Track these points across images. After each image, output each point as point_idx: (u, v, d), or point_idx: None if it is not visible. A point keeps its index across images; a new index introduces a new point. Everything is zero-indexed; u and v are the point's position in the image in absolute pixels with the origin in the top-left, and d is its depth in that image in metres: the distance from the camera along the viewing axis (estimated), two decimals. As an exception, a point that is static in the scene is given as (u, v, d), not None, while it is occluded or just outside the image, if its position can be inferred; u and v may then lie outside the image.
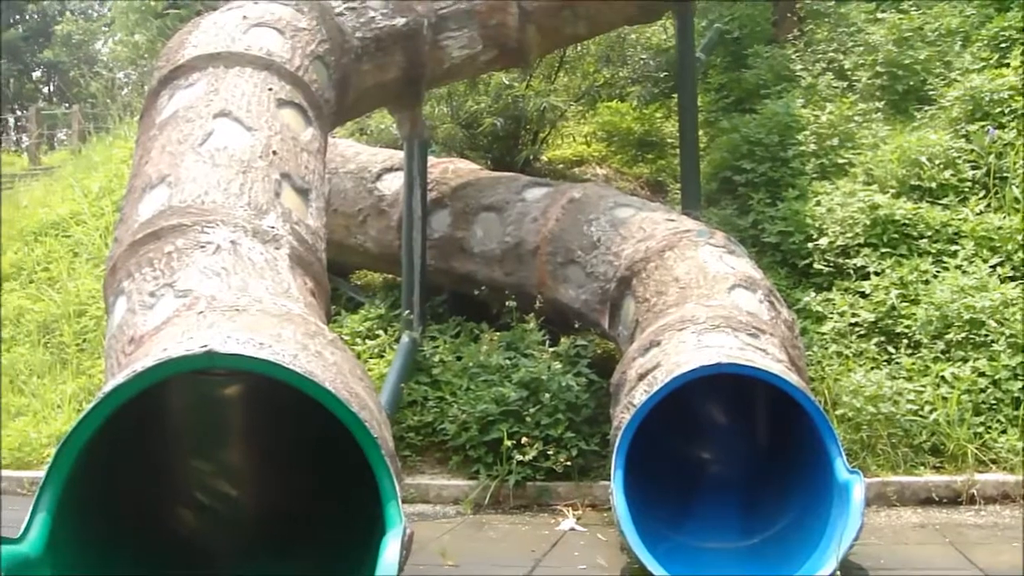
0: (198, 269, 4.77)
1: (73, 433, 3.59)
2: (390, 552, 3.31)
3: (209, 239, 4.97)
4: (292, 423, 5.06)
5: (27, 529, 3.56)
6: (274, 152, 5.72)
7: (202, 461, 5.29)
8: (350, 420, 3.60)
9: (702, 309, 6.53)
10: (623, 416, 5.90)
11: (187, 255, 4.89)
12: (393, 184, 9.72)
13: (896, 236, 9.07)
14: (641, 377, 6.13)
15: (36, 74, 49.42)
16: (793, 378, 5.65)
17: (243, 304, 4.38)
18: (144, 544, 4.58)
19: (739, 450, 6.96)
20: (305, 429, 4.97)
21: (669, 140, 12.74)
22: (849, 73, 11.58)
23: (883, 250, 9.00)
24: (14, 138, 33.41)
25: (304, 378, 3.56)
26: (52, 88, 47.51)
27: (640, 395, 5.81)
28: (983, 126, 9.81)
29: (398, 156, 9.78)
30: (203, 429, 5.40)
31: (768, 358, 5.94)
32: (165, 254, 4.95)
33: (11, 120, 39.34)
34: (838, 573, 4.96)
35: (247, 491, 5.27)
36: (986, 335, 7.97)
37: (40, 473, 8.63)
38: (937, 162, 9.62)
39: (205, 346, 3.58)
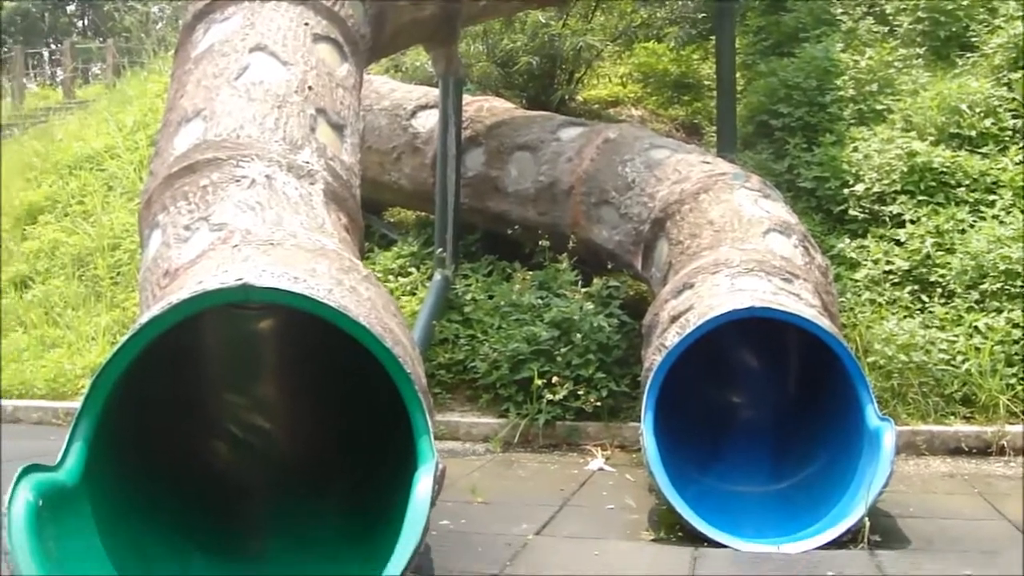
0: (233, 203, 4.76)
1: (109, 363, 3.60)
2: (422, 486, 3.33)
3: (244, 173, 4.95)
4: (324, 359, 5.08)
5: (63, 458, 3.58)
6: (309, 87, 5.68)
7: (236, 396, 5.31)
8: (384, 355, 3.60)
9: (736, 252, 6.49)
10: (654, 358, 5.89)
11: (222, 189, 4.88)
12: (428, 122, 9.70)
13: (933, 184, 8.97)
14: (673, 319, 6.11)
15: (70, 8, 49.42)
16: (825, 323, 5.61)
17: (278, 238, 4.38)
18: (178, 477, 4.62)
19: (769, 395, 6.93)
20: (336, 365, 5.00)
21: (706, 82, 12.65)
22: (890, 18, 11.38)
23: (920, 198, 8.91)
24: (48, 72, 33.42)
25: (339, 312, 3.55)
26: (86, 22, 47.54)
27: (672, 337, 5.79)
28: (1026, 74, 9.66)
29: (433, 94, 9.75)
30: (236, 364, 5.42)
31: (801, 303, 5.91)
32: (200, 188, 4.94)
33: (46, 54, 39.37)
34: (867, 520, 4.95)
35: (281, 426, 5.30)
36: (1021, 286, 7.90)
37: (75, 404, 8.71)
38: (978, 110, 9.47)
39: (240, 279, 3.58)
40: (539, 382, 7.51)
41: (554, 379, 7.52)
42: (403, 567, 3.12)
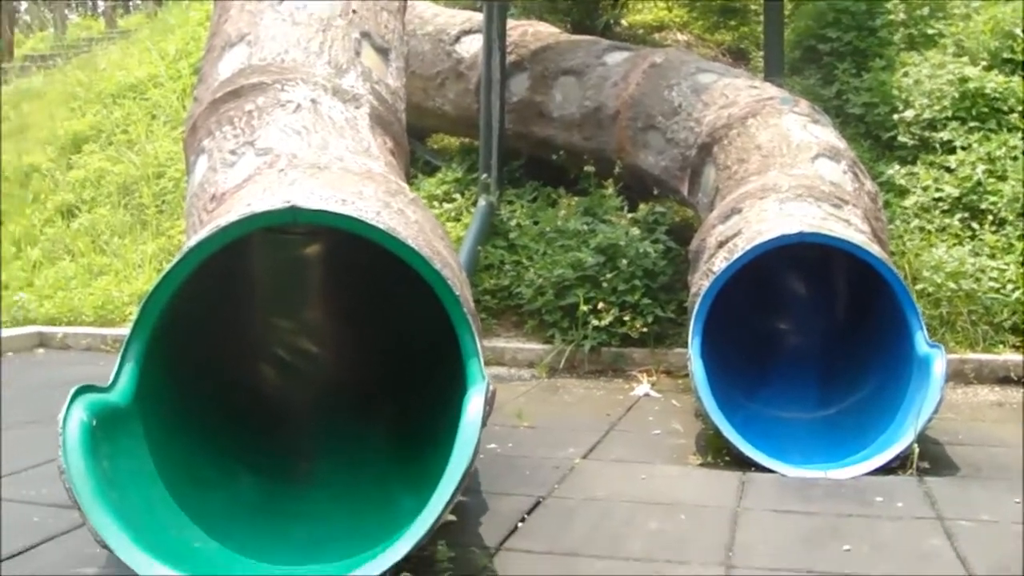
0: (278, 127, 4.74)
1: (159, 286, 3.61)
2: (473, 406, 3.32)
3: (289, 97, 4.92)
4: (369, 283, 5.08)
5: (115, 379, 3.60)
6: (354, 11, 5.63)
7: (283, 320, 5.33)
8: (433, 277, 3.58)
9: (784, 177, 6.43)
10: (702, 283, 5.85)
11: (267, 113, 4.86)
12: (471, 46, 9.62)
13: (985, 110, 8.82)
14: (721, 244, 6.06)
15: (112, -63, 49.21)
16: (875, 249, 5.55)
17: (324, 162, 4.35)
18: (227, 400, 4.65)
19: (816, 322, 6.89)
20: (381, 289, 5.00)
21: (752, 6, 12.45)
22: (942, -62, 11.15)
23: (971, 124, 8.77)
24: (90, 3, 33.37)
25: (387, 234, 3.53)
26: (127, -49, 47.33)
27: (720, 262, 5.75)
28: (1083, -4, 9.45)
29: (477, 18, 9.66)
30: (283, 289, 5.43)
31: (851, 229, 5.84)
32: (245, 112, 4.92)
33: (87, -17, 39.35)
34: (916, 446, 4.92)
35: (328, 350, 5.32)
36: (1074, 213, 7.78)
37: (123, 330, 8.81)
38: (1032, 34, 9.29)
39: (288, 201, 3.56)
40: (585, 308, 7.49)
41: (600, 305, 7.50)
42: (455, 486, 3.12)
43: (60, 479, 3.09)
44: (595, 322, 7.48)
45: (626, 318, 7.49)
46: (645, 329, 7.48)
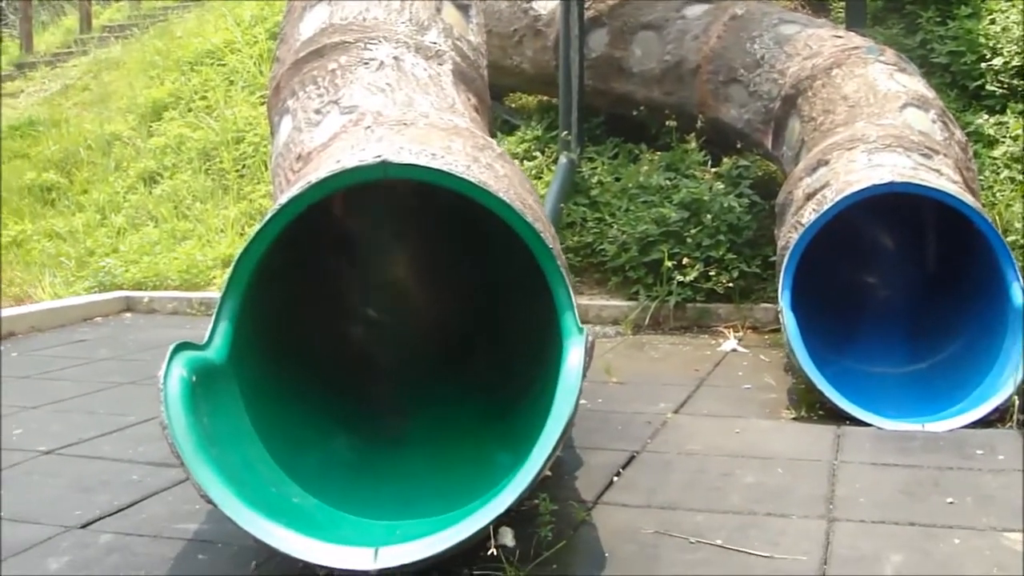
0: (362, 85, 4.73)
1: (252, 242, 3.61)
2: (574, 356, 3.28)
3: (372, 55, 4.91)
4: (457, 238, 5.07)
5: (211, 337, 3.62)
6: (433, -33, 5.60)
7: (372, 277, 5.33)
8: (526, 231, 3.54)
9: (872, 128, 6.30)
10: (790, 236, 5.77)
11: (351, 71, 4.84)
12: (549, 3, 9.56)
13: (1078, 55, 8.59)
14: (809, 197, 5.97)
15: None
16: (968, 198, 5.42)
17: (410, 118, 4.33)
18: (318, 359, 4.66)
19: (906, 275, 6.79)
20: (469, 244, 4.99)
21: (832, -44, 12.21)
22: None
23: (1063, 70, 8.54)
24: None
25: (479, 188, 3.50)
26: (198, -80, 47.58)
27: (809, 214, 5.66)
28: None
29: (554, -25, 9.58)
30: (372, 245, 5.43)
31: (942, 179, 5.71)
32: (329, 71, 4.92)
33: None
34: (1016, 398, 4.83)
35: (417, 307, 5.32)
36: None
37: (207, 294, 8.94)
38: None
39: (379, 156, 3.54)
40: (669, 264, 7.43)
41: (684, 260, 7.44)
42: (558, 437, 3.09)
43: (163, 435, 3.10)
44: (679, 278, 7.42)
45: (711, 273, 7.43)
46: (730, 284, 7.41)
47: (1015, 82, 8.69)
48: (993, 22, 9.13)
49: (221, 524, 3.34)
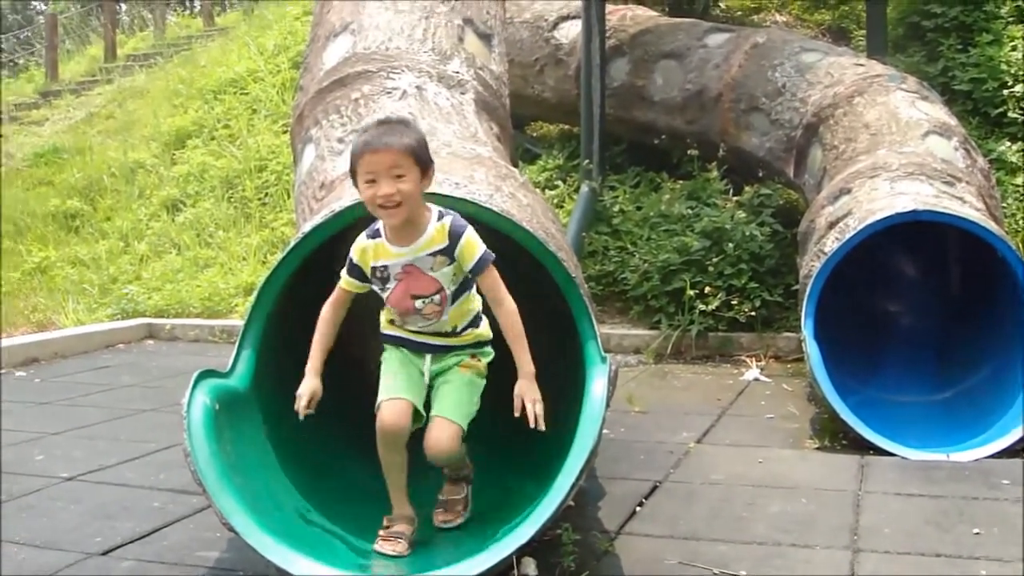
0: (385, 115, 4.75)
1: (275, 270, 3.63)
2: (598, 387, 3.28)
3: (395, 84, 4.94)
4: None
5: (234, 365, 3.64)
6: (456, -3, 5.64)
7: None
8: (549, 260, 3.55)
9: (894, 156, 6.30)
10: (813, 264, 5.75)
11: (374, 101, 4.87)
12: (570, 32, 9.62)
13: (1100, 84, 8.57)
14: (831, 225, 5.95)
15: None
16: (993, 226, 5.41)
17: (433, 147, 4.33)
18: (337, 385, 4.65)
19: (930, 303, 6.75)
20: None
21: (852, -16, 12.22)
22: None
23: (1085, 98, 8.52)
24: (188, 1, 33.89)
25: (503, 217, 3.51)
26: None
27: (831, 243, 5.64)
28: None
29: (574, 4, 9.67)
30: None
31: (965, 206, 5.69)
32: (352, 100, 4.95)
33: (184, -17, 39.99)
34: (1037, 431, 4.80)
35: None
36: None
37: (229, 322, 8.96)
38: None
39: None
40: (691, 292, 7.42)
41: (706, 289, 7.42)
42: (581, 467, 3.08)
43: (186, 462, 3.11)
44: (702, 307, 7.40)
45: (733, 302, 7.40)
46: (752, 313, 7.38)
47: (1037, 110, 8.68)
48: (1015, 49, 9.13)
49: (242, 552, 3.34)
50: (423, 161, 3.32)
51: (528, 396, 3.30)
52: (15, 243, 12.79)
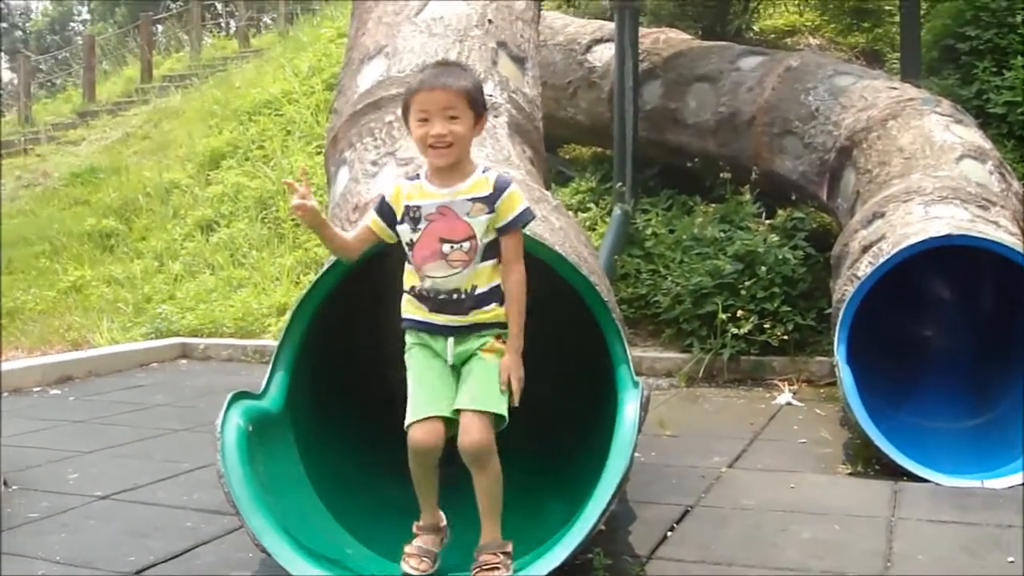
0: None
1: (309, 293, 3.66)
2: (630, 410, 3.28)
3: (429, 108, 4.95)
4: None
5: (267, 386, 3.66)
6: (489, 20, 5.67)
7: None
8: (582, 284, 3.56)
9: (928, 180, 6.28)
10: (846, 288, 5.73)
11: (407, 124, 4.89)
12: (603, 55, 9.66)
13: None
14: (865, 249, 5.93)
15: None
16: (1028, 251, 5.36)
17: (466, 171, 4.36)
18: (369, 405, 4.67)
19: (964, 328, 6.69)
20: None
21: (886, 7, 12.19)
22: (1088, -71, 10.75)
23: (1122, 121, 8.44)
24: (224, 24, 34.17)
25: (536, 241, 3.52)
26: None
27: (865, 267, 5.62)
28: None
29: (607, 27, 9.69)
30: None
31: (1000, 231, 5.66)
32: (386, 123, 4.98)
33: (219, 6, 40.32)
34: (1067, 460, 4.75)
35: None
36: None
37: (263, 342, 9.00)
38: None
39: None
40: (723, 316, 7.40)
41: (738, 313, 7.41)
42: (613, 491, 3.09)
43: (219, 483, 3.12)
44: (734, 330, 7.38)
45: (766, 326, 7.38)
46: (785, 337, 7.36)
47: (1074, 133, 8.62)
48: (1050, 72, 9.06)
49: (274, 572, 3.34)
50: (478, 106, 3.33)
51: (515, 373, 3.28)
52: (51, 262, 12.92)
